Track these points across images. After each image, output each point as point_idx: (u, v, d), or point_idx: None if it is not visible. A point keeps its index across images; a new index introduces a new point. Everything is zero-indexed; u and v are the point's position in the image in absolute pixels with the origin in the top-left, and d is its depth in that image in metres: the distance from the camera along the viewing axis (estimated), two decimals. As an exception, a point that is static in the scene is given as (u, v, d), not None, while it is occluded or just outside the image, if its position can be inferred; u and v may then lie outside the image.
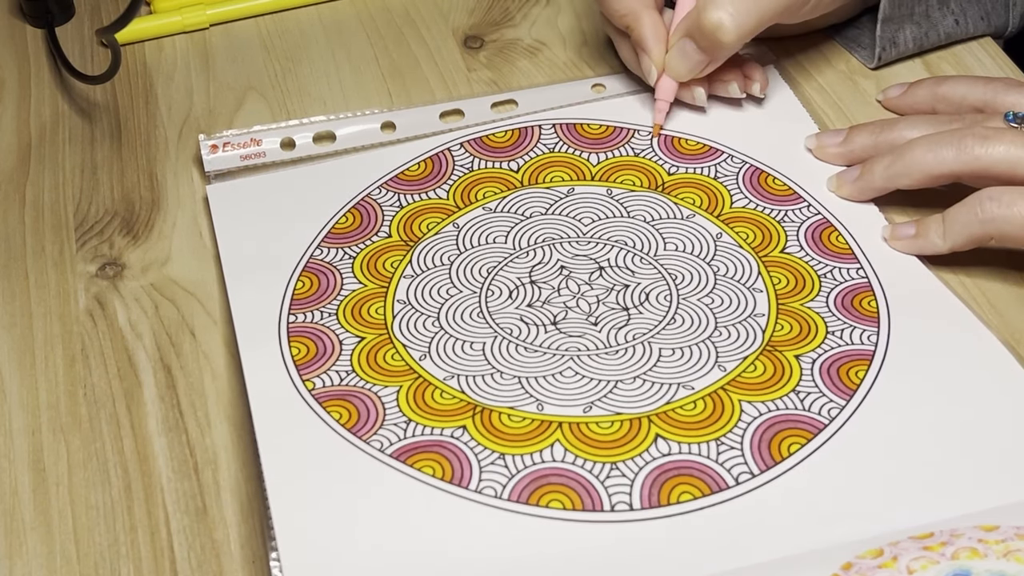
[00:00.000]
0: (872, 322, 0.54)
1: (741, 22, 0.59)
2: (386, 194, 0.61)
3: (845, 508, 0.47)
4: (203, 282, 0.58)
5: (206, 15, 0.73)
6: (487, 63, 0.70)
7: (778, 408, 0.51)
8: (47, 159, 0.65)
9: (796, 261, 0.57)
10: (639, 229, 0.59)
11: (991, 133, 0.55)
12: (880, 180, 0.58)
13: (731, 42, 0.59)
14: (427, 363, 0.53)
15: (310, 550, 0.46)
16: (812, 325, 0.54)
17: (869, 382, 0.51)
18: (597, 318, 0.55)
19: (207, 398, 0.53)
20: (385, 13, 0.74)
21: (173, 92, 0.69)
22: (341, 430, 0.50)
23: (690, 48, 0.60)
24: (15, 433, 0.53)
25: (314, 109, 0.67)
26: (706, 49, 0.60)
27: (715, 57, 0.61)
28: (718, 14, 0.58)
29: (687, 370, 0.52)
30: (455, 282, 0.57)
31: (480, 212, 0.60)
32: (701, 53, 0.60)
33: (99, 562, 0.48)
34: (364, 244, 0.59)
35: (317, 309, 0.56)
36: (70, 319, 0.57)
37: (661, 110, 0.63)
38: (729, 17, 0.58)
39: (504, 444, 0.50)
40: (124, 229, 0.61)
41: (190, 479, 0.50)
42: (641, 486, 0.48)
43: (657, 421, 0.50)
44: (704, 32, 0.59)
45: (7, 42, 0.74)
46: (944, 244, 0.55)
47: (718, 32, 0.59)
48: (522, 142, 0.64)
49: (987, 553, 0.42)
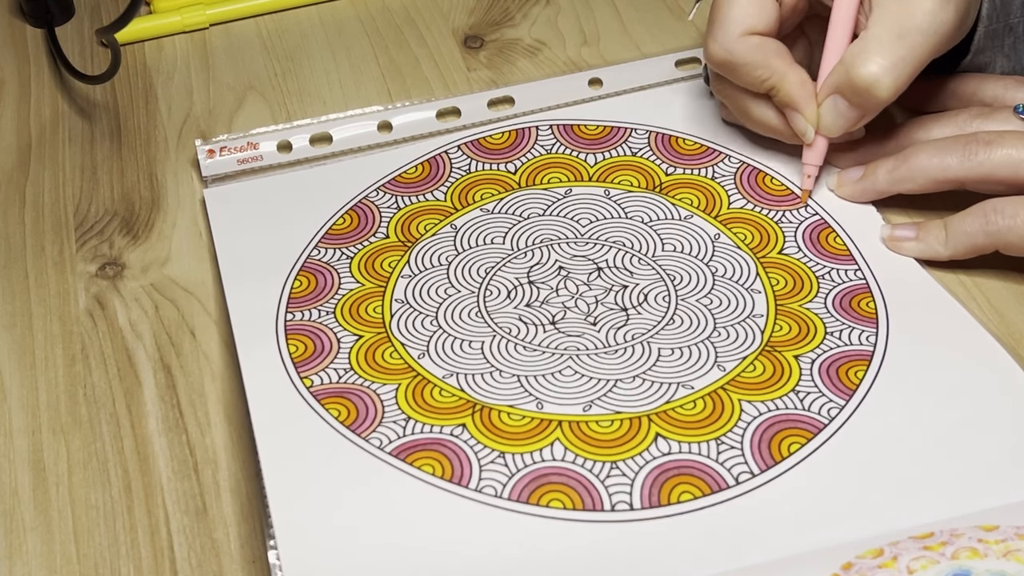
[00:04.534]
0: (871, 323, 0.54)
1: (898, 74, 0.54)
2: (384, 196, 0.61)
3: (845, 508, 0.47)
4: (203, 282, 0.58)
5: (206, 15, 0.74)
6: (487, 63, 0.70)
7: (778, 408, 0.51)
8: (47, 159, 0.65)
9: (794, 262, 0.57)
10: (637, 230, 0.59)
11: (994, 137, 0.54)
12: (883, 183, 0.58)
13: (887, 97, 0.55)
14: (426, 361, 0.53)
15: (310, 549, 0.46)
16: (811, 326, 0.54)
17: (868, 382, 0.51)
18: (596, 318, 0.55)
19: (207, 398, 0.53)
20: (385, 13, 0.74)
21: (173, 92, 0.69)
22: (340, 427, 0.50)
23: (842, 105, 0.56)
24: (15, 433, 0.53)
25: (314, 109, 0.67)
26: (859, 105, 0.56)
27: (870, 111, 0.57)
28: (870, 68, 0.54)
29: (686, 370, 0.52)
30: (453, 282, 0.57)
31: (478, 213, 0.60)
32: (854, 109, 0.56)
33: (99, 562, 0.48)
34: (362, 244, 0.59)
35: (314, 308, 0.56)
36: (70, 319, 0.57)
37: (811, 175, 0.59)
38: (884, 71, 0.54)
39: (504, 443, 0.50)
40: (124, 229, 0.61)
41: (190, 479, 0.50)
42: (641, 486, 0.48)
43: (657, 420, 0.50)
44: (857, 89, 0.55)
45: (7, 42, 0.74)
46: (945, 251, 0.55)
47: (874, 88, 0.54)
48: (519, 143, 0.64)
49: (987, 553, 0.42)
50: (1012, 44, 0.62)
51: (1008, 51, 0.62)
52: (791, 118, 0.58)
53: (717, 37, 0.57)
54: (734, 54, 0.57)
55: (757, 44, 0.57)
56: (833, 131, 0.58)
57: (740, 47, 0.57)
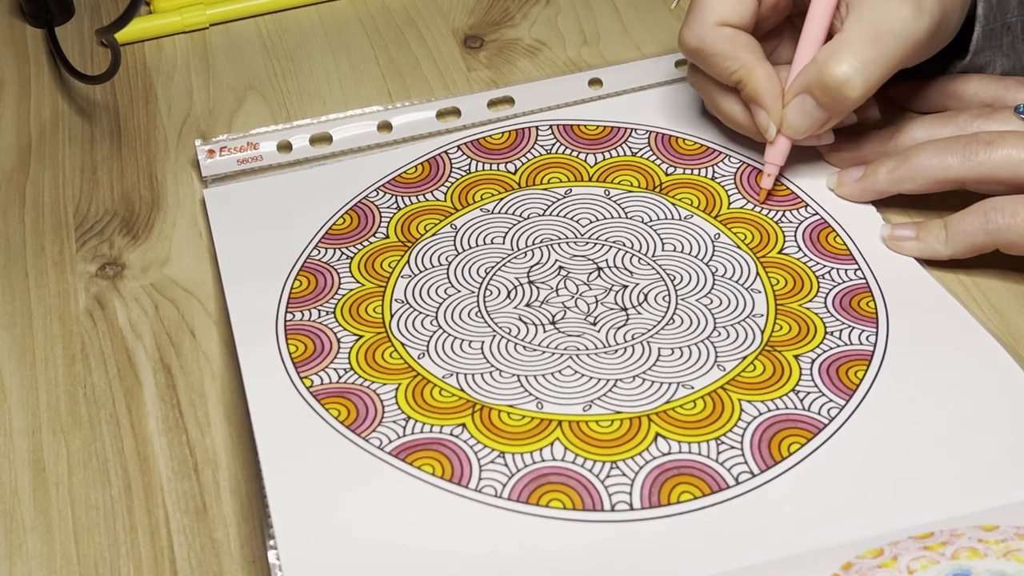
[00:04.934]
0: (871, 322, 0.54)
1: (868, 75, 0.55)
2: (383, 196, 0.61)
3: (845, 508, 0.47)
4: (203, 282, 0.58)
5: (206, 15, 0.74)
6: (487, 63, 0.70)
7: (778, 408, 0.51)
8: (47, 159, 0.66)
9: (794, 262, 0.57)
10: (637, 230, 0.59)
11: (994, 138, 0.55)
12: (883, 183, 0.58)
13: (858, 98, 0.55)
14: (425, 361, 0.53)
15: (310, 549, 0.46)
16: (811, 325, 0.54)
17: (868, 382, 0.51)
18: (596, 318, 0.55)
19: (207, 398, 0.53)
20: (385, 13, 0.74)
21: (173, 92, 0.69)
22: (340, 427, 0.50)
23: (810, 105, 0.57)
24: (15, 433, 0.53)
25: (314, 109, 0.67)
26: (828, 106, 0.56)
27: (836, 113, 0.57)
28: (842, 68, 0.54)
29: (686, 370, 0.52)
30: (453, 282, 0.57)
31: (478, 213, 0.60)
32: (822, 110, 0.57)
33: (99, 562, 0.48)
34: (362, 245, 0.59)
35: (314, 308, 0.56)
36: (70, 319, 0.57)
37: (771, 174, 0.60)
38: (855, 71, 0.54)
39: (504, 442, 0.50)
40: (124, 229, 0.61)
41: (190, 479, 0.50)
42: (641, 485, 0.48)
43: (657, 420, 0.50)
44: (828, 88, 0.55)
45: (7, 42, 0.74)
46: (946, 251, 0.55)
47: (844, 87, 0.55)
48: (519, 144, 0.64)
49: (987, 553, 0.42)
50: (1011, 43, 0.62)
51: (1007, 50, 0.62)
52: (755, 113, 0.59)
53: (692, 25, 0.58)
54: (705, 43, 0.57)
55: (729, 36, 0.57)
56: (798, 131, 0.58)
57: (712, 36, 0.57)
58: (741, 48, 0.57)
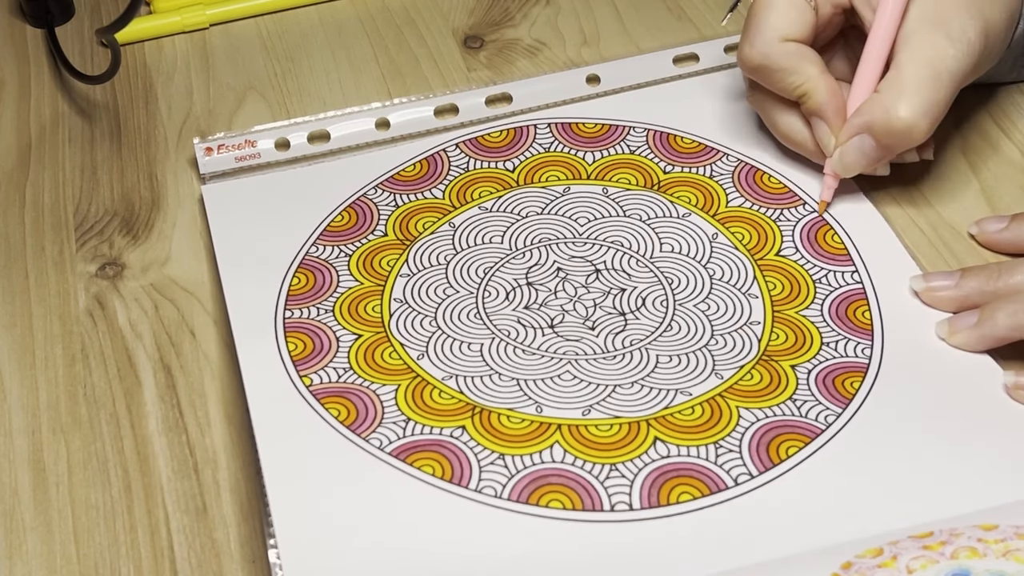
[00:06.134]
0: (866, 335, 0.54)
1: (933, 117, 0.54)
2: (382, 194, 0.61)
3: (844, 508, 0.47)
4: (203, 282, 0.58)
5: (206, 15, 0.74)
6: (487, 63, 0.70)
7: (775, 414, 0.51)
8: (47, 159, 0.66)
9: (791, 265, 0.57)
10: (635, 229, 0.59)
11: None
12: (1004, 329, 0.52)
13: (921, 140, 0.55)
14: (425, 362, 0.53)
15: (310, 549, 0.46)
16: (807, 335, 0.54)
17: (864, 392, 0.51)
18: (594, 322, 0.55)
19: (207, 398, 0.53)
20: (385, 13, 0.74)
21: (173, 92, 0.69)
22: (340, 427, 0.51)
23: (868, 146, 0.56)
24: (15, 433, 0.53)
25: (314, 109, 0.67)
26: (889, 147, 0.56)
27: (894, 153, 0.57)
28: (911, 114, 0.54)
29: (684, 377, 0.52)
30: (452, 282, 0.57)
31: (476, 212, 0.60)
32: (880, 150, 0.56)
33: (99, 562, 0.48)
34: (360, 242, 0.59)
35: (313, 305, 0.56)
36: (70, 319, 0.57)
37: (830, 187, 0.59)
38: (922, 114, 0.54)
39: (504, 444, 0.50)
40: (124, 229, 0.61)
41: (190, 479, 0.51)
42: (641, 486, 0.48)
43: (656, 425, 0.50)
44: (894, 131, 0.55)
45: (7, 42, 0.74)
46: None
47: (913, 131, 0.54)
48: (517, 142, 0.64)
49: (986, 552, 0.42)
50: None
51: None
52: (815, 127, 0.58)
53: (754, 42, 0.57)
54: (770, 59, 0.57)
55: (793, 51, 0.57)
56: (852, 171, 0.57)
57: (776, 51, 0.57)
58: (806, 62, 0.57)
